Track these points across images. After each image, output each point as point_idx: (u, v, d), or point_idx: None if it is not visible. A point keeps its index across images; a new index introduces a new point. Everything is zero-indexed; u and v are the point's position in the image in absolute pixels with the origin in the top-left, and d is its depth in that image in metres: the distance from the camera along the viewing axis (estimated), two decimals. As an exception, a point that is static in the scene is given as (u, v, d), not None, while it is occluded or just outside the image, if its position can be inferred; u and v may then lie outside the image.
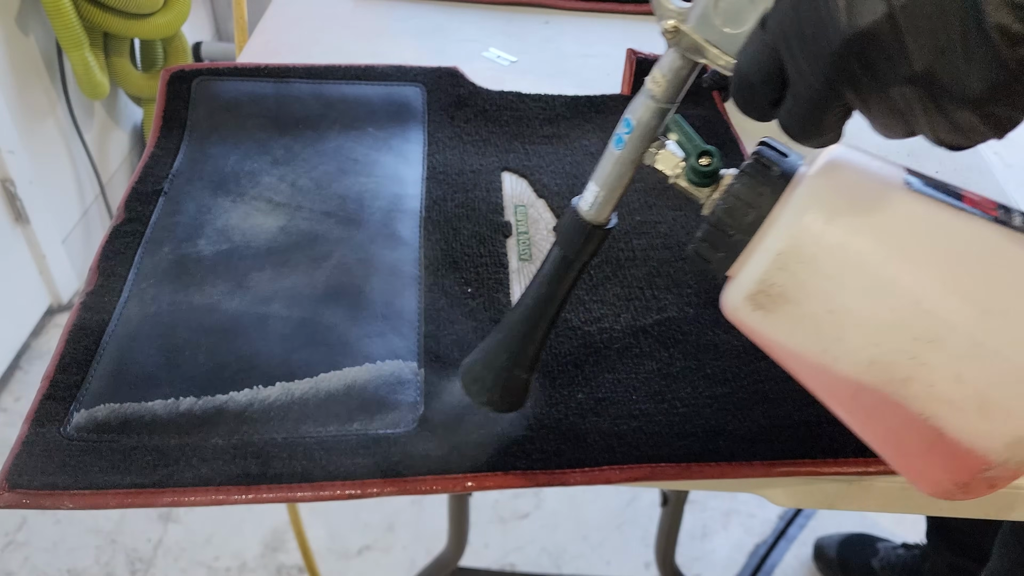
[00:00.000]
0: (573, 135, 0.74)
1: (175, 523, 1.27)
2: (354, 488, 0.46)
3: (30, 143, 1.43)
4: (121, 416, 0.49)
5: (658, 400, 0.52)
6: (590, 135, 0.74)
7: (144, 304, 0.56)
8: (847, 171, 0.33)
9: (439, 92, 0.76)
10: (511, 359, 0.45)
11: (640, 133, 0.39)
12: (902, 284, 0.30)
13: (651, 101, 0.38)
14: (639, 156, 0.40)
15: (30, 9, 1.40)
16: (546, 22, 0.94)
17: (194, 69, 0.74)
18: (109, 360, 0.52)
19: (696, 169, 0.38)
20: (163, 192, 0.65)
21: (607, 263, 0.61)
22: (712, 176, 0.38)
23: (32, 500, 0.45)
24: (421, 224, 0.64)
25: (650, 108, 0.38)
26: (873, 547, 1.21)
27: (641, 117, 0.39)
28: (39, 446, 0.47)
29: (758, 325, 0.34)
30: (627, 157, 0.40)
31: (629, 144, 0.39)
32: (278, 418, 0.50)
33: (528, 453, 0.48)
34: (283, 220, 0.63)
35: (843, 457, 0.49)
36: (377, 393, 0.51)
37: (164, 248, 0.60)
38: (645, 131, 0.39)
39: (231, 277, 0.58)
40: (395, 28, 0.91)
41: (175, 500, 0.46)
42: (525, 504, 1.32)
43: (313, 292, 0.57)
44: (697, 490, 0.59)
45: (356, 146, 0.71)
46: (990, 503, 0.51)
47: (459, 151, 0.71)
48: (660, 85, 0.37)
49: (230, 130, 0.71)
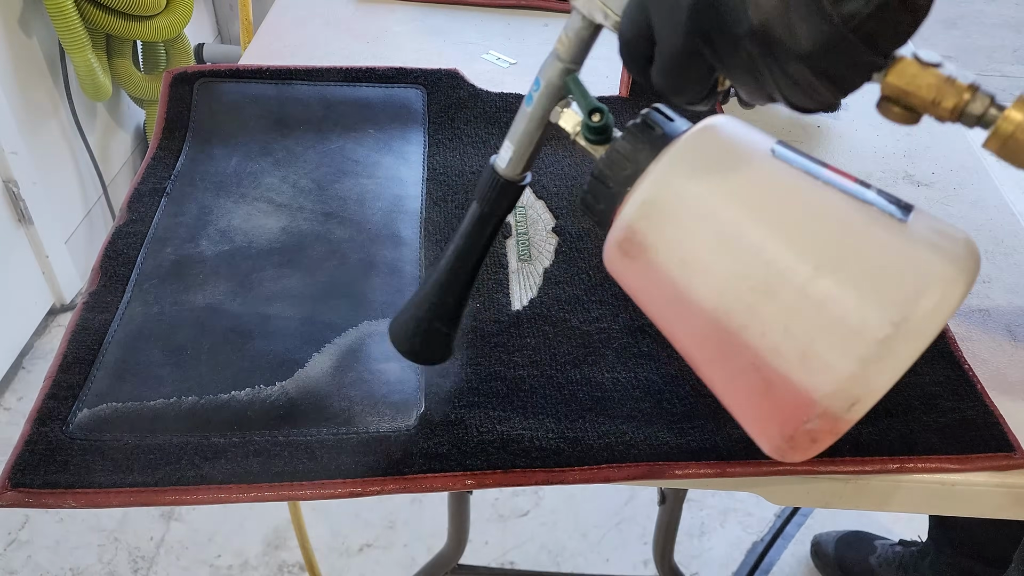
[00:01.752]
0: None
1: (177, 521, 1.28)
2: (355, 486, 0.47)
3: (33, 144, 1.44)
4: (123, 415, 0.49)
5: (656, 399, 0.52)
6: None
7: (146, 304, 0.56)
8: (719, 136, 0.35)
9: (439, 94, 0.77)
10: (431, 310, 0.47)
11: (547, 92, 0.41)
12: (747, 238, 0.32)
13: (557, 61, 0.41)
14: (546, 113, 0.42)
15: (33, 11, 1.41)
16: (545, 24, 0.95)
17: (196, 71, 0.75)
18: (111, 360, 0.52)
19: (588, 126, 0.40)
20: (166, 193, 0.65)
21: (606, 263, 0.62)
22: (604, 133, 0.40)
23: (34, 499, 0.45)
24: (421, 225, 0.64)
25: (556, 68, 0.41)
26: (871, 545, 1.22)
27: (549, 76, 0.41)
28: (41, 445, 0.47)
29: (624, 272, 0.36)
30: (535, 114, 0.42)
31: (537, 102, 0.42)
32: (279, 417, 0.50)
33: (527, 452, 0.49)
34: (284, 221, 0.63)
35: (839, 456, 0.50)
36: (378, 392, 0.52)
37: (166, 248, 0.60)
38: (552, 90, 0.41)
39: (233, 277, 0.58)
40: (396, 30, 0.92)
41: (177, 499, 0.46)
42: (525, 502, 1.33)
43: (314, 292, 0.58)
44: (695, 488, 0.59)
45: (357, 147, 0.71)
46: (988, 503, 0.52)
47: (459, 152, 0.72)
48: (564, 45, 0.40)
49: (232, 132, 0.71)
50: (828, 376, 0.30)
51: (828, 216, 0.32)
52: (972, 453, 0.50)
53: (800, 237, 0.31)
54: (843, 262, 0.31)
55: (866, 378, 0.30)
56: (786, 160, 0.34)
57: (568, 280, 0.61)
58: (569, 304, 0.59)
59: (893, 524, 1.32)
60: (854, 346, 0.30)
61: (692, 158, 0.34)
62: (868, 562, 1.20)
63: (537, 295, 0.59)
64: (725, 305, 0.32)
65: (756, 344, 0.31)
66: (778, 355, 0.31)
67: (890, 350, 0.29)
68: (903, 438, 0.51)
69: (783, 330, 0.31)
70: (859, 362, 0.30)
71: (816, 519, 1.35)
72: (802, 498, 0.53)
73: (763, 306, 0.31)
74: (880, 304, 0.30)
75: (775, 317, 0.31)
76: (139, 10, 1.46)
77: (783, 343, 0.31)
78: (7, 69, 1.37)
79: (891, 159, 0.77)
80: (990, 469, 0.50)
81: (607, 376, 0.54)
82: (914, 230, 0.31)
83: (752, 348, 0.32)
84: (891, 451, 0.50)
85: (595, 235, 0.64)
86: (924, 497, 0.52)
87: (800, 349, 0.30)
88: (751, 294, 0.31)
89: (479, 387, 0.53)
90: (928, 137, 0.80)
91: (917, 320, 0.29)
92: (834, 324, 0.30)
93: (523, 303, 0.59)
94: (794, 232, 0.32)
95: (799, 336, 0.30)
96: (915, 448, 0.50)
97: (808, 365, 0.30)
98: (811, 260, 0.31)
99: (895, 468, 0.50)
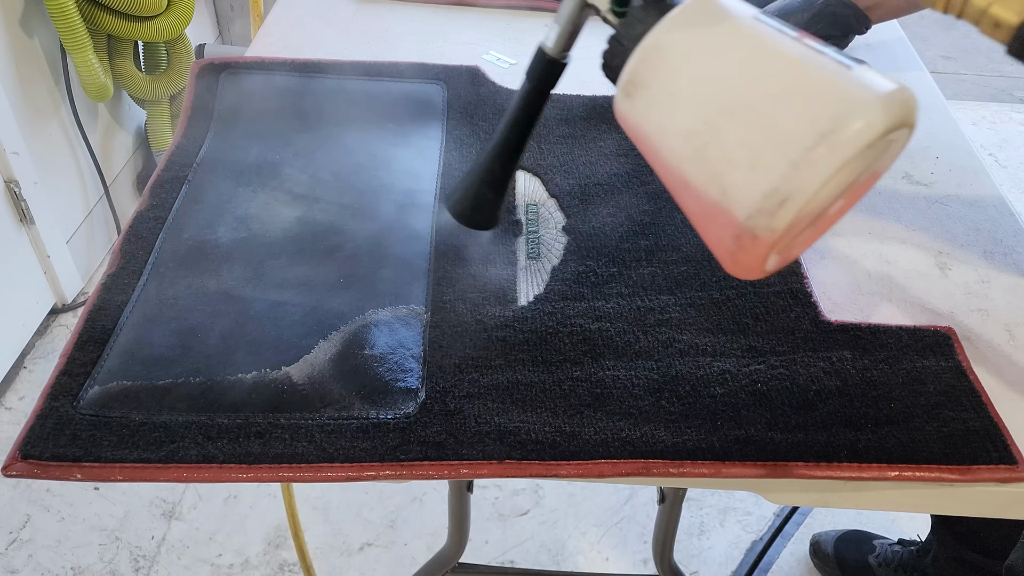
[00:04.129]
0: (589, 135, 0.75)
1: (178, 520, 1.28)
2: (352, 470, 0.48)
3: (35, 144, 1.44)
4: (132, 393, 0.51)
5: (655, 398, 0.53)
6: (605, 136, 0.75)
7: (162, 287, 0.58)
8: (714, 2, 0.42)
9: (459, 90, 0.78)
10: (481, 176, 0.52)
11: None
12: (722, 70, 0.39)
13: None
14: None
15: (34, 11, 1.41)
16: (546, 25, 0.95)
17: (223, 62, 0.77)
18: (125, 339, 0.54)
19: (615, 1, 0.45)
20: (187, 180, 0.67)
21: (612, 262, 0.63)
22: (626, 5, 0.44)
23: (42, 470, 0.46)
24: (434, 219, 0.65)
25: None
26: (870, 544, 1.22)
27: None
28: (52, 419, 0.49)
29: (628, 113, 0.43)
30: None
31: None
32: (282, 401, 0.51)
33: (524, 444, 0.49)
34: (301, 211, 0.65)
35: (836, 461, 0.50)
36: (380, 380, 0.53)
37: (184, 234, 0.62)
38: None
39: (247, 264, 0.60)
40: (396, 30, 0.92)
41: (179, 475, 0.47)
42: (525, 501, 1.33)
43: (324, 281, 0.59)
44: (693, 487, 0.60)
45: (376, 141, 0.73)
46: (989, 503, 0.52)
47: (475, 148, 0.73)
48: None
49: (254, 122, 0.73)
50: (765, 175, 0.37)
51: (785, 57, 0.39)
52: (973, 464, 0.50)
53: (764, 70, 0.39)
54: (791, 88, 0.38)
55: (792, 177, 0.36)
56: (765, 23, 0.40)
57: (575, 279, 0.61)
58: (574, 302, 0.59)
59: (892, 524, 1.33)
60: (786, 150, 0.37)
61: (688, 17, 0.41)
62: (867, 561, 1.20)
63: (543, 292, 0.60)
64: (697, 126, 0.39)
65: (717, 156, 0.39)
66: (733, 165, 0.38)
67: (813, 156, 0.36)
68: (903, 446, 0.51)
69: (739, 143, 0.38)
70: (789, 164, 0.36)
71: (815, 518, 1.35)
72: (801, 497, 0.53)
73: (726, 123, 0.39)
74: (811, 119, 0.36)
75: (734, 133, 0.38)
76: (140, 11, 1.46)
77: (738, 154, 0.38)
78: (9, 69, 1.37)
79: (892, 165, 0.77)
80: (991, 480, 0.50)
81: (607, 374, 0.54)
82: (858, 74, 0.37)
83: (714, 161, 0.39)
84: (890, 459, 0.50)
85: (603, 235, 0.65)
86: (924, 497, 0.52)
87: (751, 158, 0.38)
88: (719, 115, 0.39)
89: (479, 379, 0.53)
90: (928, 137, 0.81)
91: (840, 135, 0.36)
92: (776, 134, 0.37)
93: (529, 299, 0.59)
94: (760, 67, 0.39)
95: (751, 147, 0.38)
96: (914, 456, 0.50)
97: (754, 168, 0.37)
98: (770, 88, 0.38)
99: (894, 476, 0.50)
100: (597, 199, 0.68)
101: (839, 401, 0.53)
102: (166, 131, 1.72)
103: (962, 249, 0.68)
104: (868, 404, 0.53)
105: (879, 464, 0.50)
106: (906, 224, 0.70)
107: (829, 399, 0.53)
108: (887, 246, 0.67)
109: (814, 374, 0.55)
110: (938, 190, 0.74)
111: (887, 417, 0.52)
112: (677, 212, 0.67)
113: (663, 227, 0.66)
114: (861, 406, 0.53)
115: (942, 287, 0.64)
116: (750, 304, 0.60)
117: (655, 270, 0.62)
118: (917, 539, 1.19)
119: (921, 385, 0.55)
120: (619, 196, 0.69)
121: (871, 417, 0.52)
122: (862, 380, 0.55)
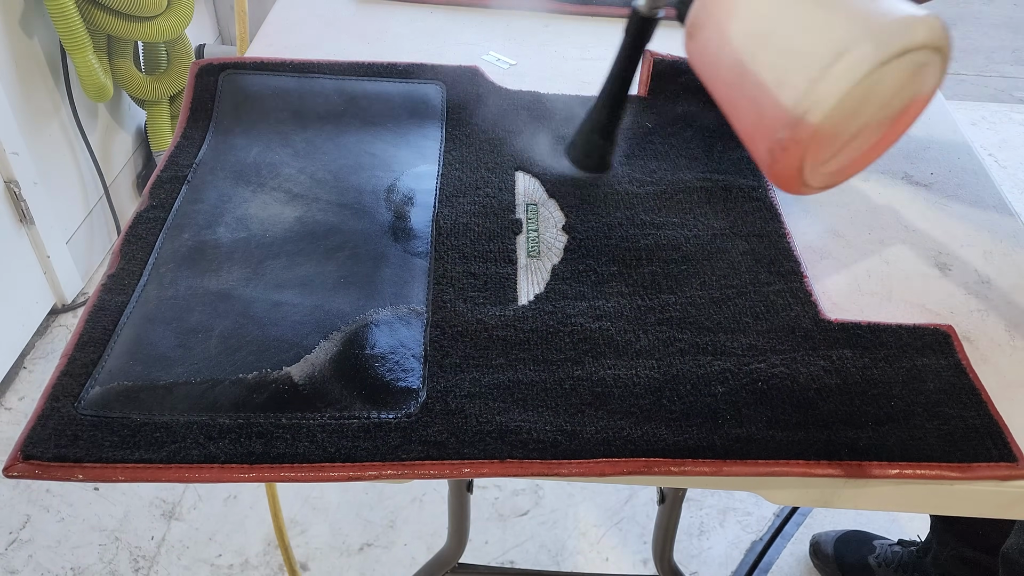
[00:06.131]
0: None
1: (178, 521, 1.28)
2: (354, 470, 0.48)
3: (34, 145, 1.44)
4: (133, 393, 0.51)
5: (656, 397, 0.53)
6: None
7: (162, 287, 0.58)
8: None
9: (459, 90, 0.78)
10: (590, 124, 0.61)
11: None
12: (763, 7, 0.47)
13: None
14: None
15: (34, 11, 1.41)
16: (546, 25, 0.95)
17: (222, 62, 0.77)
18: (125, 340, 0.54)
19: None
20: (187, 180, 0.67)
21: (613, 261, 0.63)
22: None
23: (44, 471, 0.46)
24: (434, 219, 0.65)
25: None
26: (870, 544, 1.22)
27: None
28: (53, 420, 0.49)
29: (691, 52, 0.51)
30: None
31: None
32: (283, 401, 0.51)
33: (525, 443, 0.49)
34: (300, 211, 0.65)
35: (836, 459, 0.50)
36: (381, 379, 0.53)
37: (184, 234, 0.62)
38: None
39: (247, 264, 0.60)
40: (396, 31, 0.92)
41: (181, 476, 0.47)
42: (525, 502, 1.33)
43: (325, 281, 0.59)
44: (693, 487, 0.60)
45: (375, 141, 0.72)
46: (989, 502, 0.52)
47: (475, 148, 0.73)
48: None
49: (254, 122, 0.73)
50: (790, 91, 0.44)
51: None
52: (974, 462, 0.50)
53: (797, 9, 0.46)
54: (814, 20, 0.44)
55: (813, 91, 0.43)
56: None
57: (575, 277, 0.61)
58: (574, 301, 0.59)
59: (892, 524, 1.33)
60: (808, 69, 0.44)
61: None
62: (867, 562, 1.20)
63: (544, 291, 0.60)
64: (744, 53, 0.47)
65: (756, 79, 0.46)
66: (764, 85, 0.46)
67: (829, 72, 0.43)
68: (903, 444, 0.51)
69: (770, 66, 0.46)
70: (808, 80, 0.43)
71: (815, 518, 1.35)
72: (801, 497, 0.53)
73: (761, 51, 0.46)
74: (830, 43, 0.43)
75: (770, 50, 0.46)
76: (140, 11, 1.47)
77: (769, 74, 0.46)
78: (8, 69, 1.37)
79: (890, 159, 0.77)
80: (991, 478, 0.50)
81: (608, 373, 0.54)
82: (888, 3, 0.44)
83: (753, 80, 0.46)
84: (890, 456, 0.50)
85: (603, 235, 0.65)
86: (924, 497, 0.52)
87: (778, 77, 0.45)
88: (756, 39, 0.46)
89: (480, 378, 0.53)
90: (927, 138, 0.81)
91: (853, 55, 0.42)
92: (799, 57, 0.44)
93: (529, 298, 0.59)
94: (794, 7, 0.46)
95: (780, 68, 0.45)
96: (915, 454, 0.50)
97: (781, 87, 0.45)
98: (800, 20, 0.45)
99: (895, 474, 0.50)
100: (597, 198, 0.68)
101: (839, 399, 0.53)
102: (166, 131, 1.72)
103: (962, 249, 0.68)
104: (868, 402, 0.53)
105: (879, 462, 0.50)
106: (906, 224, 0.70)
107: (829, 397, 0.53)
108: (887, 246, 0.68)
109: (814, 373, 0.55)
110: (938, 190, 0.74)
111: (887, 415, 0.53)
112: (679, 213, 0.67)
113: (664, 227, 0.66)
114: (861, 404, 0.53)
115: (942, 287, 0.64)
116: (750, 303, 0.60)
117: (655, 269, 0.62)
118: (917, 539, 1.20)
119: (921, 383, 0.55)
120: (619, 195, 0.69)
121: (871, 415, 0.52)
122: (862, 378, 0.55)
